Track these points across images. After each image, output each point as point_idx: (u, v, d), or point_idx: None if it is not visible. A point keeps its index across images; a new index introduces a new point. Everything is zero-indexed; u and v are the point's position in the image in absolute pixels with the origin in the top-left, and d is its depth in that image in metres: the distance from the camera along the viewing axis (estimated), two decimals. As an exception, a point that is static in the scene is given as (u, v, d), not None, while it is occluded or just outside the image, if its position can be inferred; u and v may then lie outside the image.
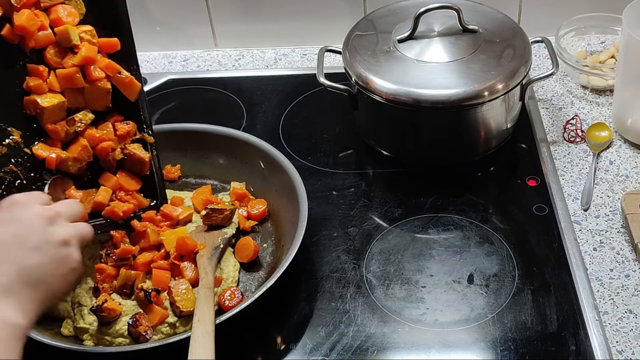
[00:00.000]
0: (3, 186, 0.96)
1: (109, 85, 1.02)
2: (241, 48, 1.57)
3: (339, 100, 1.28)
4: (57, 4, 0.99)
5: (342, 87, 1.22)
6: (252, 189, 1.18)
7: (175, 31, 1.55)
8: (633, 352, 0.96)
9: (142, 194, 1.06)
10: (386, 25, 1.26)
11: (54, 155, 0.98)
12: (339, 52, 1.26)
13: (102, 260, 1.03)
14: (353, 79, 1.20)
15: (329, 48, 1.29)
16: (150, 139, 1.07)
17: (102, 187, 1.03)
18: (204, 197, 1.14)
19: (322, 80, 1.22)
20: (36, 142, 0.99)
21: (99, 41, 1.01)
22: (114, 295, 1.00)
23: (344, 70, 1.23)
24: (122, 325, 0.97)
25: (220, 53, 1.57)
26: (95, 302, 0.97)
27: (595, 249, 1.09)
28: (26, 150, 0.98)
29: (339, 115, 1.34)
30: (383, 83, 1.16)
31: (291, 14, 1.51)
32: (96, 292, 1.01)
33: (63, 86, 0.99)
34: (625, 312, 1.01)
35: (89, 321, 0.98)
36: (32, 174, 0.98)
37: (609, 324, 1.00)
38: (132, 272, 1.01)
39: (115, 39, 1.02)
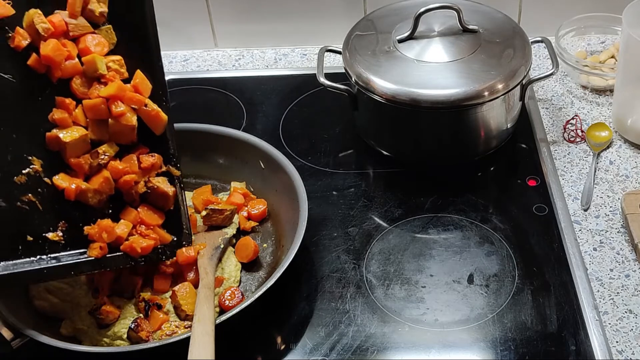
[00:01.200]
0: (20, 217, 0.92)
1: (133, 122, 0.97)
2: (241, 48, 1.57)
3: (339, 100, 1.28)
4: (86, 34, 0.95)
5: (342, 87, 1.22)
6: (252, 189, 1.18)
7: (175, 31, 1.55)
8: (633, 352, 0.96)
9: (165, 230, 1.00)
10: (386, 25, 1.25)
11: (73, 186, 0.94)
12: (339, 52, 1.26)
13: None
14: (353, 79, 1.20)
15: (329, 48, 1.29)
16: (177, 172, 1.01)
17: (122, 220, 0.98)
18: (204, 197, 1.14)
19: (322, 80, 1.22)
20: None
21: (135, 84, 0.97)
22: (113, 297, 1.00)
23: (344, 70, 1.23)
24: (120, 327, 0.97)
25: (220, 53, 1.57)
26: (94, 304, 0.97)
27: (595, 249, 1.09)
28: (46, 180, 0.94)
29: (339, 115, 1.34)
30: (383, 83, 1.16)
31: (291, 14, 1.51)
32: (95, 293, 1.01)
33: (89, 117, 0.96)
34: (625, 312, 1.01)
35: (87, 323, 0.98)
36: (52, 205, 0.94)
37: (609, 324, 1.00)
38: (135, 277, 1.01)
39: (150, 86, 0.99)
